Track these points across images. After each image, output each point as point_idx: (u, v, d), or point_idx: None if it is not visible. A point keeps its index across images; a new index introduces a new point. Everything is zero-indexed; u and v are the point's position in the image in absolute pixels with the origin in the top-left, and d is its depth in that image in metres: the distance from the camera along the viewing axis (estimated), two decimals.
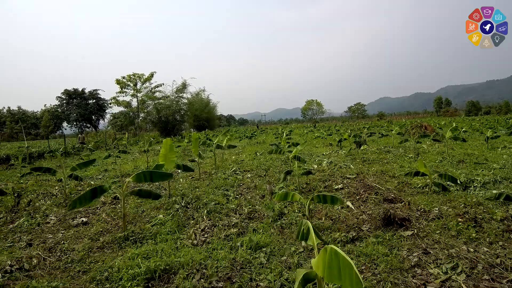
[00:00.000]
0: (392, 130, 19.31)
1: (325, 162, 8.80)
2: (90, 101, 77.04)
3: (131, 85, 28.12)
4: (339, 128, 29.31)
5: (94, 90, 76.96)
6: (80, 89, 76.72)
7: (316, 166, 8.27)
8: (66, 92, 75.96)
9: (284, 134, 15.14)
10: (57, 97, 76.29)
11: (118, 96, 29.28)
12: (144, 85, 29.19)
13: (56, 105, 76.25)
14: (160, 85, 30.25)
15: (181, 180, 7.50)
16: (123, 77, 27.79)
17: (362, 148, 9.02)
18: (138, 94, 29.44)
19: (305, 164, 8.50)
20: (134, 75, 27.89)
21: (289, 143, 16.00)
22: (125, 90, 28.12)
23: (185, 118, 38.78)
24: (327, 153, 11.07)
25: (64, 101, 75.95)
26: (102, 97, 77.38)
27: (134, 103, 31.91)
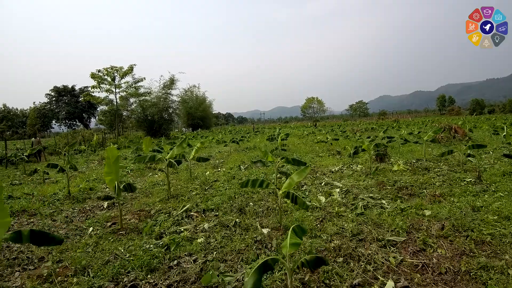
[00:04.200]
0: (417, 134, 16.02)
1: (337, 190, 5.59)
2: (80, 99, 73.74)
3: (109, 79, 24.77)
4: (345, 129, 26.01)
5: (85, 87, 73.43)
6: (70, 86, 73.35)
7: (323, 200, 5.07)
8: (55, 89, 72.63)
9: (279, 138, 11.92)
10: (46, 94, 72.99)
11: (93, 92, 25.85)
12: (125, 80, 25.80)
13: (45, 102, 72.93)
14: (141, 79, 26.85)
15: (90, 229, 4.29)
16: (99, 71, 24.39)
17: (395, 169, 5.85)
18: (117, 90, 26.02)
19: (307, 198, 5.28)
20: (112, 68, 24.52)
21: (284, 147, 12.82)
22: (102, 85, 24.77)
23: (174, 117, 35.45)
24: (336, 168, 7.86)
25: (53, 99, 72.64)
26: (93, 94, 73.78)
27: (118, 100, 28.59)
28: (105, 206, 5.46)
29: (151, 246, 3.46)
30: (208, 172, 8.46)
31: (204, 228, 3.96)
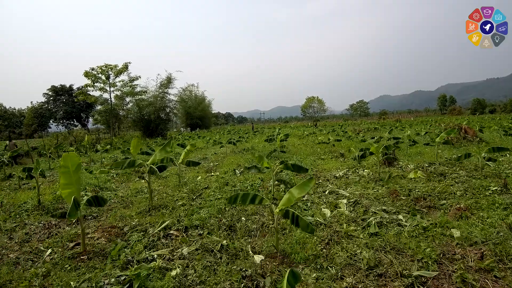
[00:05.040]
0: (421, 134, 15.15)
1: (344, 201, 4.84)
2: (75, 98, 72.97)
3: (103, 77, 24.00)
4: (346, 129, 25.24)
5: (82, 87, 72.36)
6: (67, 85, 72.53)
7: (328, 213, 4.32)
8: (53, 88, 71.80)
9: (278, 140, 11.17)
10: (43, 93, 72.17)
11: (88, 90, 25.03)
12: (119, 79, 25.01)
13: (42, 102, 72.11)
14: (136, 78, 26.08)
15: (48, 252, 3.55)
16: (93, 69, 23.62)
17: (412, 176, 5.12)
18: (112, 88, 25.25)
19: (309, 211, 4.53)
20: (106, 66, 23.75)
21: (283, 149, 12.00)
22: (96, 84, 23.99)
23: (171, 116, 34.71)
24: (341, 173, 7.12)
25: (51, 98, 71.80)
26: (91, 93, 73.07)
27: (112, 99, 27.79)
28: (74, 220, 4.71)
29: (112, 281, 2.71)
30: (199, 177, 7.72)
31: (182, 253, 3.20)
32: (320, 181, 6.57)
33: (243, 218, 4.21)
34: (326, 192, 5.52)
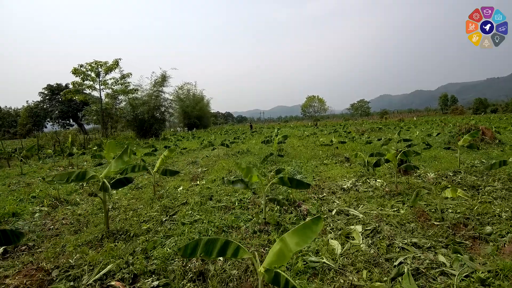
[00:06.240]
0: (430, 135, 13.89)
1: (359, 227, 3.66)
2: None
3: (93, 75, 22.77)
4: (348, 129, 24.01)
5: (71, 85, 71.12)
6: (63, 84, 71.38)
7: (338, 249, 3.15)
8: (49, 87, 70.64)
9: (275, 142, 9.97)
10: (39, 92, 71.02)
11: (82, 89, 23.80)
12: (110, 76, 23.80)
13: (38, 101, 70.93)
14: (128, 75, 24.80)
15: None
16: (81, 66, 22.39)
17: (449, 195, 3.97)
18: (103, 86, 24.01)
19: (309, 245, 3.34)
20: (95, 63, 22.54)
21: (281, 152, 10.76)
22: (86, 81, 22.78)
23: (166, 116, 33.49)
24: (349, 184, 5.93)
25: (47, 97, 70.62)
26: (88, 92, 72.10)
27: (103, 97, 26.57)
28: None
29: None
30: (181, 187, 6.54)
31: None
32: (325, 194, 5.39)
33: (220, 258, 3.03)
34: (333, 212, 4.34)
